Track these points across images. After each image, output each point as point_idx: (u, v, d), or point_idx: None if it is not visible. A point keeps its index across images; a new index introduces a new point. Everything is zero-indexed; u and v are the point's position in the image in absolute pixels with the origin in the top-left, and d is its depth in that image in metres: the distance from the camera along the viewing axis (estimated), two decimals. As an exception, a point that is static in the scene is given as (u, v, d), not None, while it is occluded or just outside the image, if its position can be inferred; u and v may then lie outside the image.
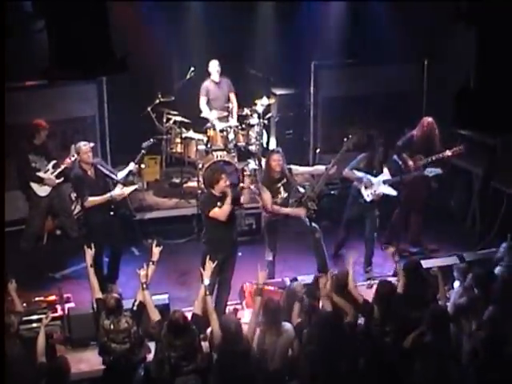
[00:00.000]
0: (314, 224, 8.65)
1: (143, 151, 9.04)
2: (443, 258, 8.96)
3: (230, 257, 7.96)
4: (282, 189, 8.53)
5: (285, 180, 8.55)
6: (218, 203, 7.66)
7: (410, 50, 11.32)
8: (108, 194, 8.41)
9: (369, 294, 7.21)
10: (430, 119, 9.48)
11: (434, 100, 11.68)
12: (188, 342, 6.07)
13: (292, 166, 8.76)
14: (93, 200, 8.37)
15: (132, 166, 8.87)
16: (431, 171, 9.19)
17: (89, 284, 6.87)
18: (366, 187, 9.06)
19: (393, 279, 7.54)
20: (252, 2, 11.65)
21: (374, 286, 7.21)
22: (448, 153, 9.31)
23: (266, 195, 8.46)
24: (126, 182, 8.87)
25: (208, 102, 11.06)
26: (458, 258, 8.43)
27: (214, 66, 10.91)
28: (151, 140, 9.18)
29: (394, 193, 9.16)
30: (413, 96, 12.03)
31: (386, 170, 9.25)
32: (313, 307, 6.97)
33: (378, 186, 9.07)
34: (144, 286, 6.54)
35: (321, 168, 9.04)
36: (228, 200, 7.58)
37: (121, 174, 8.83)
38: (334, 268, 8.10)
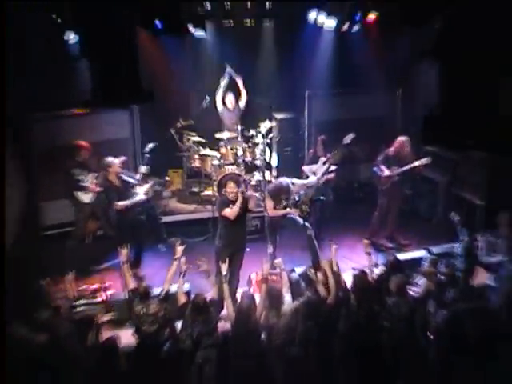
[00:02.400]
0: (306, 223, 8.72)
1: (147, 155, 9.10)
2: (414, 251, 9.00)
3: (240, 251, 8.07)
4: (283, 197, 8.67)
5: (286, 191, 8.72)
6: (231, 206, 7.84)
7: (387, 81, 11.35)
8: (135, 199, 8.63)
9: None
10: (402, 138, 9.55)
11: (406, 122, 11.76)
12: (208, 320, 6.14)
13: (293, 180, 8.90)
14: (122, 204, 8.56)
15: (143, 169, 9.00)
16: (347, 138, 9.15)
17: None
18: (314, 174, 9.39)
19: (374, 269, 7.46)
20: (257, 26, 11.63)
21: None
22: (416, 163, 9.41)
23: (269, 203, 8.67)
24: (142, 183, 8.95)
25: (222, 123, 11.18)
26: (426, 251, 8.42)
27: (229, 99, 11.01)
28: (152, 144, 9.21)
29: (332, 167, 9.42)
30: (389, 119, 12.08)
31: (322, 158, 9.58)
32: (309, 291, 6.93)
33: (321, 168, 9.38)
34: (182, 274, 6.73)
35: (313, 180, 9.19)
36: (238, 203, 7.75)
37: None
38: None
